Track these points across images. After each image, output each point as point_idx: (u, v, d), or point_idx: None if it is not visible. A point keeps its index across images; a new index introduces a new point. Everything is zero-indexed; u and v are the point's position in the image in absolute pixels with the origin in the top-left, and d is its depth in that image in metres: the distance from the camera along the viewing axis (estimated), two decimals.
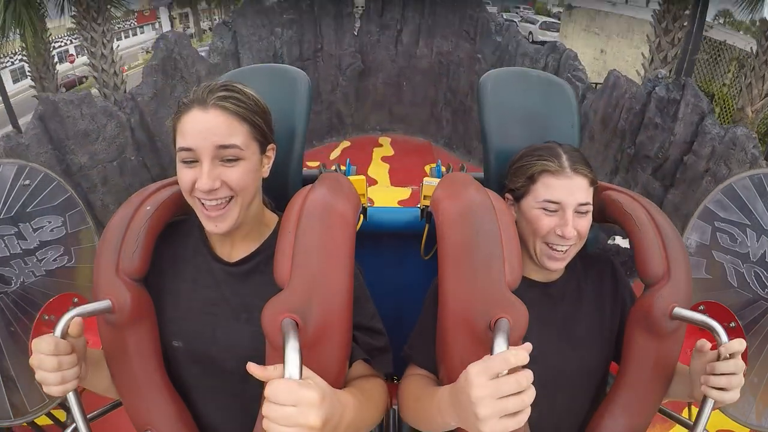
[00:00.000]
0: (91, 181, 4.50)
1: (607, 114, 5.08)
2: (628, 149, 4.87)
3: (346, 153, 7.03)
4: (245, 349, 0.85)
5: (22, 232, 1.25)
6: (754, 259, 1.23)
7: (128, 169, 4.82)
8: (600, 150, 5.22)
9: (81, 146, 4.38)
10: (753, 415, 1.21)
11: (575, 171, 0.94)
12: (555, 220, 0.92)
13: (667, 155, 4.48)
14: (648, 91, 4.64)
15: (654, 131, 4.57)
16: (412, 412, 0.85)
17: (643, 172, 4.74)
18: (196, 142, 0.78)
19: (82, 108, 4.35)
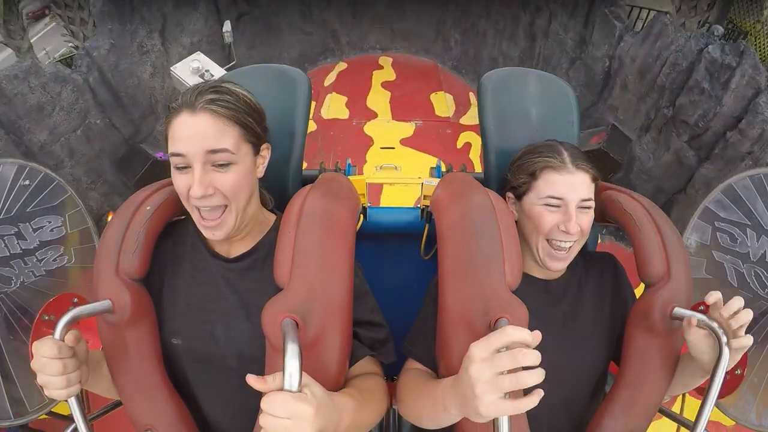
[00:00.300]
0: (57, 157, 3.93)
1: (646, 64, 4.28)
2: (665, 109, 4.16)
3: (342, 77, 6.04)
4: (244, 346, 0.85)
5: (22, 232, 1.25)
6: (754, 259, 1.23)
7: (95, 135, 4.17)
8: (632, 102, 4.48)
9: (37, 122, 3.78)
10: (753, 415, 1.21)
11: (577, 167, 0.94)
12: (558, 216, 0.92)
13: (709, 126, 3.84)
14: (699, 48, 3.90)
15: (699, 96, 3.88)
16: (411, 405, 0.84)
17: (678, 138, 4.11)
18: (186, 148, 0.78)
19: (30, 80, 3.70)
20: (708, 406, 0.77)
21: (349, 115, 5.13)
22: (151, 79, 4.71)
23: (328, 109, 5.28)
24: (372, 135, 4.94)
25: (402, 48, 6.89)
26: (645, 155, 4.45)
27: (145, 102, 4.70)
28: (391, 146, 4.75)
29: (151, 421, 0.83)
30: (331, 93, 5.56)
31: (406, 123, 5.17)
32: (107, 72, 4.31)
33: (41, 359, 0.70)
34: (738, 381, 1.19)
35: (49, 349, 0.70)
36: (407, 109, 5.44)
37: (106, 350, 0.85)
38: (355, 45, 6.85)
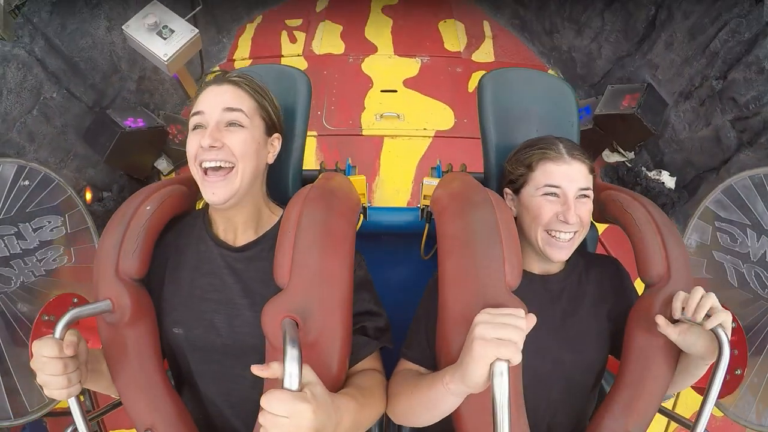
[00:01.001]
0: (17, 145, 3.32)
1: (701, 23, 3.65)
2: (714, 80, 3.57)
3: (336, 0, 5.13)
4: (246, 335, 0.86)
5: (22, 232, 1.25)
6: (754, 259, 1.23)
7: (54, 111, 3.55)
8: (675, 63, 3.83)
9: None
10: (753, 415, 1.21)
11: (573, 157, 0.94)
12: (557, 206, 0.93)
13: (760, 110, 3.32)
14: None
15: (757, 75, 3.30)
16: (405, 398, 0.84)
17: (722, 115, 3.51)
18: (206, 106, 0.86)
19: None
20: (708, 406, 0.77)
21: (345, 49, 4.37)
22: (108, 34, 3.94)
23: (321, 42, 4.44)
24: (371, 75, 4.17)
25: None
26: (680, 124, 3.82)
27: (106, 62, 3.96)
28: (393, 89, 4.01)
29: (151, 421, 0.83)
30: (323, 21, 4.63)
31: (411, 59, 4.37)
32: (54, 37, 3.67)
33: (41, 359, 0.70)
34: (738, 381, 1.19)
35: (49, 349, 0.70)
36: (411, 41, 4.62)
37: (106, 350, 0.85)
38: None
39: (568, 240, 0.93)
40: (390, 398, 0.88)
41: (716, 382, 0.76)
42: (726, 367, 0.76)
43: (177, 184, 0.98)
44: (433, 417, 0.80)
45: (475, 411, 0.78)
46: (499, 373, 0.63)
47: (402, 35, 4.68)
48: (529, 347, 0.67)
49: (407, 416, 0.84)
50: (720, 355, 0.76)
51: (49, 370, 0.71)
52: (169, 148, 3.19)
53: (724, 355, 0.76)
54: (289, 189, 1.09)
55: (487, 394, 0.64)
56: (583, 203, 0.93)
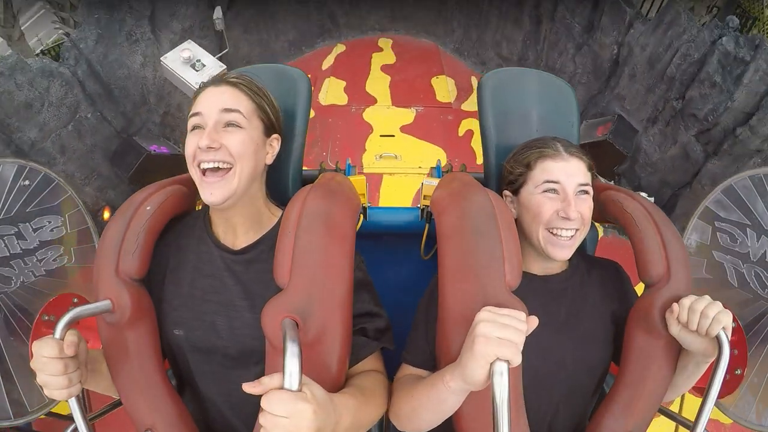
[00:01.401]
0: (48, 155, 3.82)
1: (656, 54, 4.15)
2: (674, 101, 4.05)
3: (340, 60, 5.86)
4: (246, 337, 0.86)
5: (22, 232, 1.25)
6: (754, 259, 1.23)
7: (87, 129, 4.03)
8: (640, 92, 4.36)
9: (26, 120, 3.65)
10: (753, 415, 1.21)
11: (571, 154, 0.95)
12: (557, 203, 0.92)
13: (718, 121, 3.73)
14: (712, 39, 3.77)
15: (710, 89, 3.76)
16: (407, 400, 0.84)
17: (686, 131, 3.99)
18: (202, 107, 0.86)
19: (16, 77, 3.57)
20: (708, 406, 0.77)
21: (348, 101, 4.97)
22: (142, 69, 4.52)
23: (326, 94, 5.10)
24: (371, 122, 4.76)
25: (402, 29, 6.55)
26: (651, 147, 4.32)
27: (137, 93, 4.52)
28: (390, 134, 4.58)
29: (151, 421, 0.83)
30: (329, 77, 5.33)
31: (407, 109, 4.99)
32: (96, 64, 4.17)
33: (42, 359, 0.70)
34: (738, 381, 1.19)
35: (50, 349, 0.70)
36: (407, 94, 5.25)
37: (106, 350, 0.85)
38: (353, 26, 6.52)
39: (569, 238, 0.92)
40: (392, 403, 0.87)
41: (716, 382, 0.76)
42: (726, 367, 0.76)
43: (177, 185, 0.98)
44: (436, 418, 0.80)
45: (475, 411, 0.78)
46: (499, 373, 0.63)
47: (399, 89, 5.31)
48: (531, 347, 0.68)
49: (411, 419, 0.84)
50: (720, 355, 0.76)
51: (50, 370, 0.71)
52: None
53: (724, 354, 0.76)
54: (289, 189, 1.09)
55: (487, 395, 0.64)
56: (583, 200, 0.93)
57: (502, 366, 0.64)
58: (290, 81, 1.09)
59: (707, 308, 0.78)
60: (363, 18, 6.48)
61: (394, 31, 6.50)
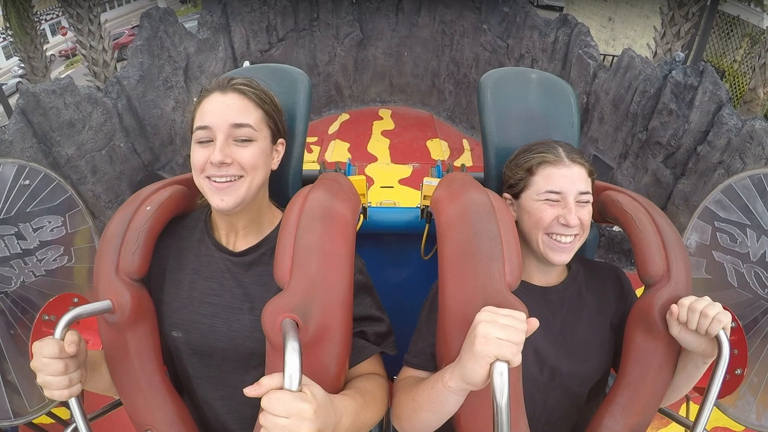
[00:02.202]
0: (80, 173, 4.29)
1: (619, 95, 4.78)
2: (639, 134, 4.61)
3: (344, 126, 6.69)
4: (245, 339, 0.86)
5: (22, 232, 1.25)
6: (754, 259, 1.23)
7: (118, 157, 4.57)
8: (610, 132, 4.99)
9: (67, 137, 4.13)
10: (753, 415, 1.21)
11: (573, 160, 0.94)
12: (557, 210, 0.92)
13: (680, 143, 4.26)
14: (664, 74, 4.33)
15: (668, 117, 4.31)
16: (409, 402, 0.83)
17: (654, 159, 4.52)
18: (212, 120, 0.83)
19: (65, 97, 4.06)
20: (708, 406, 0.77)
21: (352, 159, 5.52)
22: (173, 112, 5.15)
23: (332, 153, 5.81)
24: (372, 176, 5.32)
25: (400, 100, 7.62)
26: (626, 180, 4.84)
27: (166, 133, 5.10)
28: (390, 185, 5.16)
29: (151, 421, 0.83)
30: (334, 140, 6.07)
31: (404, 165, 5.65)
32: (134, 100, 4.74)
33: (42, 359, 0.70)
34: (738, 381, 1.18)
35: (50, 349, 0.70)
36: (405, 153, 5.95)
37: (106, 350, 0.85)
38: (356, 98, 7.55)
39: (568, 243, 0.92)
40: (394, 405, 0.87)
41: (716, 382, 0.76)
42: (726, 367, 0.76)
43: (177, 185, 0.98)
44: (436, 419, 0.79)
45: (475, 411, 0.78)
46: (499, 373, 0.63)
47: (397, 150, 6.06)
48: (526, 353, 0.68)
49: (411, 421, 0.83)
50: (720, 355, 0.76)
51: (50, 370, 0.71)
52: None
53: (724, 354, 0.76)
54: (289, 189, 1.09)
55: (487, 395, 0.64)
56: (583, 206, 0.93)
57: (502, 366, 0.63)
58: (290, 81, 1.09)
59: (707, 308, 0.78)
60: (365, 91, 7.54)
61: (393, 102, 7.56)
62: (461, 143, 6.35)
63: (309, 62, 7.07)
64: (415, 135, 6.50)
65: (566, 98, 1.18)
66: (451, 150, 6.13)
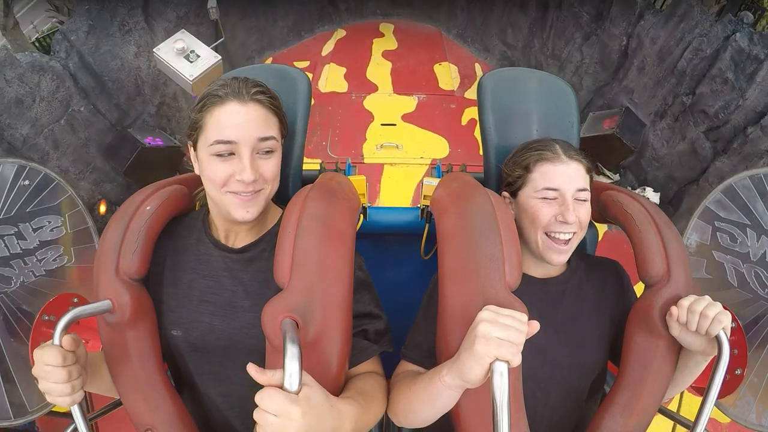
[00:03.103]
0: (41, 150, 3.77)
1: (667, 46, 4.04)
2: (684, 96, 3.95)
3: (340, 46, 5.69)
4: (245, 336, 0.86)
5: (22, 232, 1.25)
6: (754, 259, 1.23)
7: (80, 123, 3.95)
8: (648, 86, 4.25)
9: (17, 116, 3.60)
10: (753, 415, 1.21)
11: (570, 157, 0.95)
12: (555, 208, 0.93)
13: (729, 118, 3.66)
14: (726, 35, 3.67)
15: (721, 86, 3.68)
16: (404, 396, 0.85)
17: (695, 128, 3.91)
18: (237, 134, 0.80)
19: (5, 72, 3.52)
20: (708, 406, 0.77)
21: (348, 88, 4.80)
22: (136, 59, 4.41)
23: (326, 81, 4.91)
24: (372, 110, 4.58)
25: (404, 14, 6.40)
26: (659, 142, 4.25)
27: (131, 84, 4.42)
28: (392, 123, 4.39)
29: (151, 421, 0.83)
30: (329, 64, 5.14)
31: (408, 97, 4.79)
32: (87, 56, 4.09)
33: (45, 367, 0.71)
34: (738, 381, 1.19)
35: (52, 357, 0.70)
36: (409, 81, 5.07)
37: (106, 350, 0.85)
38: (354, 11, 6.36)
39: (566, 241, 0.92)
40: (390, 399, 0.88)
41: (716, 382, 0.76)
42: (726, 367, 0.76)
43: (177, 185, 0.98)
44: (432, 413, 0.80)
45: (475, 411, 0.78)
46: (499, 373, 0.63)
47: (400, 76, 5.13)
48: (527, 349, 0.68)
49: (407, 415, 0.84)
50: (720, 355, 0.76)
51: (53, 378, 0.71)
52: (184, 168, 3.50)
53: (724, 354, 0.76)
54: (289, 189, 1.09)
55: (487, 394, 0.64)
56: (581, 204, 0.93)
57: (502, 366, 0.64)
58: (290, 81, 1.09)
59: (707, 308, 0.78)
60: (364, 2, 6.32)
61: (396, 16, 6.33)
62: (473, 68, 5.40)
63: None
64: (420, 57, 5.52)
65: (566, 98, 1.18)
66: (462, 77, 5.19)
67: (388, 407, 0.88)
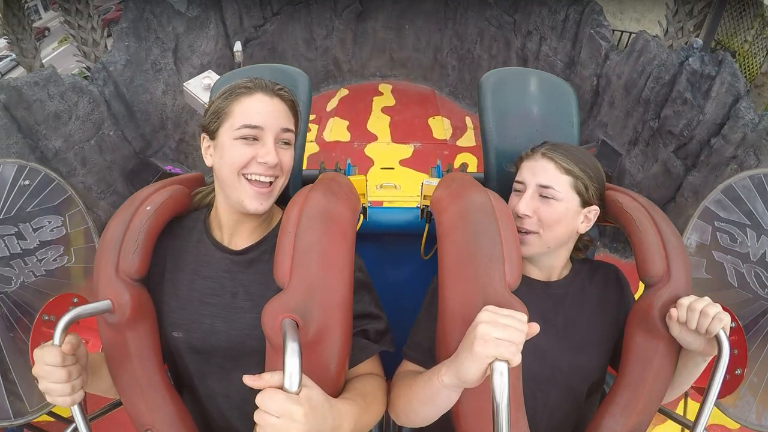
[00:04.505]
0: (70, 165, 4.13)
1: (631, 80, 4.55)
2: (651, 121, 4.41)
3: (343, 102, 6.40)
4: (246, 338, 0.86)
5: (22, 232, 1.25)
6: (754, 259, 1.23)
7: (108, 146, 4.40)
8: (620, 118, 4.77)
9: (53, 130, 3.95)
10: (753, 415, 1.20)
11: (543, 155, 0.96)
12: (517, 200, 0.96)
13: (693, 134, 4.06)
14: (680, 60, 4.10)
15: (682, 107, 4.11)
16: (404, 395, 0.85)
17: (665, 148, 4.34)
18: (264, 121, 0.85)
19: (49, 88, 3.87)
20: (708, 406, 0.77)
21: (351, 138, 5.36)
22: (163, 96, 4.94)
23: (331, 131, 5.56)
24: (372, 156, 5.16)
25: (401, 75, 7.26)
26: (635, 168, 4.68)
27: (157, 117, 4.91)
28: (390, 167, 4.97)
29: (151, 422, 0.83)
30: (333, 117, 5.83)
31: (405, 145, 5.44)
32: (122, 86, 4.55)
33: (45, 367, 0.71)
34: (738, 381, 1.18)
35: (53, 357, 0.70)
36: (406, 132, 5.70)
37: (106, 350, 0.85)
38: (356, 72, 7.22)
39: (525, 233, 0.94)
40: (391, 398, 0.88)
41: (716, 382, 0.76)
42: (726, 367, 0.76)
43: (177, 185, 0.98)
44: (431, 413, 0.80)
45: (475, 411, 0.78)
46: (499, 372, 0.63)
47: (398, 128, 5.80)
48: (528, 350, 0.68)
49: (407, 414, 0.84)
50: (720, 355, 0.76)
51: (53, 378, 0.71)
52: None
53: (724, 354, 0.76)
54: (289, 189, 1.09)
55: (488, 394, 0.64)
56: (543, 202, 0.94)
57: (502, 366, 0.63)
58: (290, 81, 1.09)
59: (707, 307, 0.78)
60: (365, 64, 7.17)
61: (394, 77, 7.17)
62: (464, 121, 6.09)
63: (306, 36, 6.76)
64: (416, 112, 6.24)
65: (566, 98, 1.18)
66: (454, 128, 5.87)
67: (388, 406, 0.88)
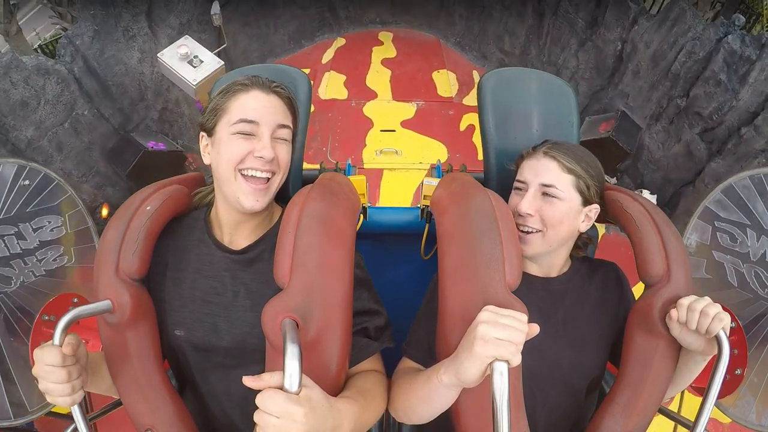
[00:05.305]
0: (45, 153, 3.83)
1: (660, 51, 4.09)
2: (678, 98, 4.00)
3: (340, 54, 5.69)
4: (247, 336, 0.87)
5: (22, 232, 1.25)
6: (754, 259, 1.23)
7: (83, 127, 4.02)
8: (644, 89, 4.31)
9: (22, 119, 3.65)
10: (753, 415, 1.21)
11: (545, 154, 0.96)
12: (518, 199, 0.96)
13: (723, 119, 3.72)
14: (718, 37, 3.70)
15: (715, 88, 3.71)
16: (403, 393, 0.85)
17: (690, 129, 3.98)
18: (260, 117, 0.86)
19: (11, 75, 3.55)
20: (708, 406, 0.77)
21: (348, 95, 4.87)
22: (140, 64, 4.48)
23: (326, 88, 4.98)
24: (371, 117, 4.66)
25: (403, 22, 6.43)
26: (654, 144, 4.32)
27: (134, 89, 4.50)
28: (391, 129, 4.48)
29: (151, 421, 0.83)
30: (329, 71, 5.21)
31: (407, 103, 4.86)
32: (92, 60, 4.14)
33: (45, 367, 0.71)
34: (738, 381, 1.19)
35: (52, 357, 0.70)
36: (408, 88, 5.13)
37: (106, 350, 0.85)
38: (354, 19, 6.38)
39: (525, 233, 0.94)
40: (391, 395, 0.88)
41: (716, 382, 0.76)
42: (726, 367, 0.76)
43: (177, 185, 0.98)
44: (430, 411, 0.80)
45: (475, 411, 0.78)
46: (499, 372, 0.63)
47: (399, 84, 5.20)
48: (527, 348, 0.68)
49: (407, 411, 0.85)
50: (720, 355, 0.76)
51: (53, 378, 0.71)
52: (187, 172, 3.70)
53: (724, 354, 0.76)
54: (289, 189, 1.09)
55: (487, 394, 0.64)
56: (546, 201, 0.94)
57: (502, 366, 0.63)
58: (290, 81, 1.09)
59: (707, 307, 0.78)
60: (363, 10, 6.34)
61: (395, 24, 6.37)
62: (471, 75, 5.47)
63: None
64: (419, 65, 5.57)
65: (566, 98, 1.18)
66: (460, 84, 5.26)
67: (388, 404, 0.88)
